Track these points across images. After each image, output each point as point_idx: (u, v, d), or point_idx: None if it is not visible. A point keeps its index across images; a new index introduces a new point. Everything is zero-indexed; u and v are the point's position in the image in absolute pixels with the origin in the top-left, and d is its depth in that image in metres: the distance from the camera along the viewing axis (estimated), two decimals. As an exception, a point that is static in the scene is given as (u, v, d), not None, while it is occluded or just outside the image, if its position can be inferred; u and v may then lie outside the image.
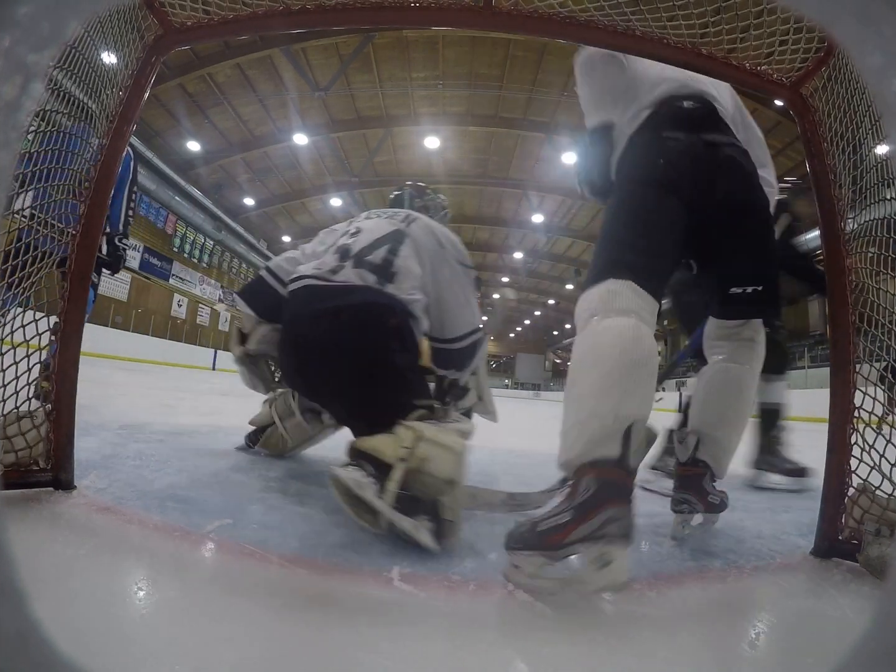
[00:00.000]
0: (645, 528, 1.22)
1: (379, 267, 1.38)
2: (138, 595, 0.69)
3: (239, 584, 0.76)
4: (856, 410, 1.04)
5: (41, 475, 1.02)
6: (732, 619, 0.80)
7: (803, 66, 1.08)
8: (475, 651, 0.63)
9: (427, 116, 15.84)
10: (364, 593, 0.77)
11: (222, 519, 1.01)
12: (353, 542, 0.96)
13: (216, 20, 1.11)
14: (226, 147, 16.93)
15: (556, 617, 0.74)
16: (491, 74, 14.10)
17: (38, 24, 0.25)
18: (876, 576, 0.89)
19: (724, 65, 1.10)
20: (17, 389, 1.00)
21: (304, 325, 1.34)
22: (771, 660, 0.68)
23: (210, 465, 1.52)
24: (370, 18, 1.10)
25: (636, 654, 0.66)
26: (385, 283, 1.35)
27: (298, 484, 1.37)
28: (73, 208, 1.05)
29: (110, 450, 1.55)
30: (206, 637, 0.59)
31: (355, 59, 13.00)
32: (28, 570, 0.24)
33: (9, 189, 0.73)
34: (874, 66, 0.27)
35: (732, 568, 0.99)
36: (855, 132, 1.03)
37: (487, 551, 0.97)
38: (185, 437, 2.00)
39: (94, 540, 0.84)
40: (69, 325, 1.04)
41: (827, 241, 1.10)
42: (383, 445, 1.03)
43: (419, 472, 0.96)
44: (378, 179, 19.49)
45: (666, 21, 1.05)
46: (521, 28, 1.12)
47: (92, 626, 0.58)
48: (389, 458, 0.99)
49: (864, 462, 1.01)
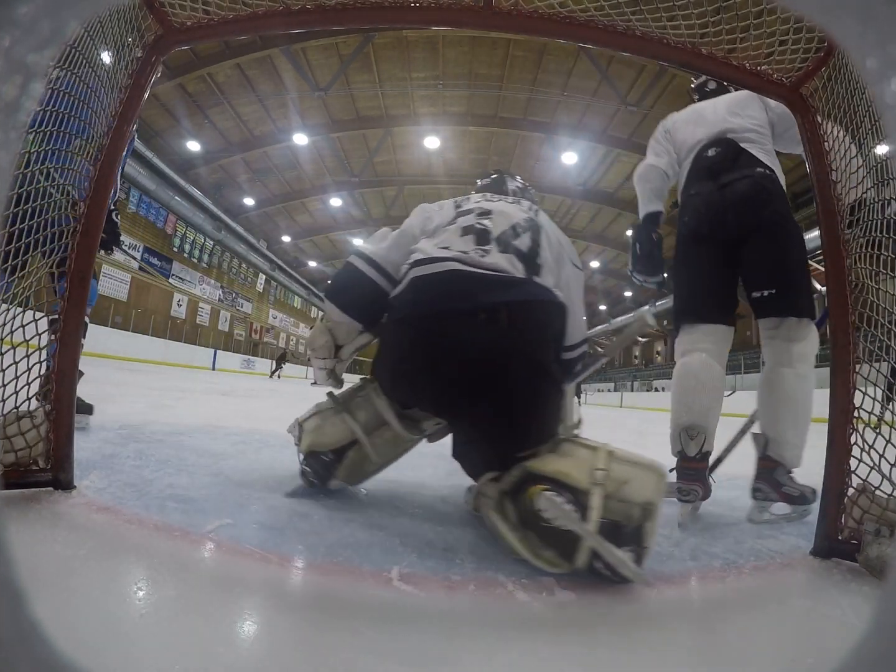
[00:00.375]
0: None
1: (526, 256, 1.18)
2: (138, 595, 0.69)
3: (239, 584, 0.76)
4: (855, 410, 1.04)
5: (41, 475, 1.02)
6: (732, 619, 0.80)
7: (803, 67, 1.08)
8: (475, 651, 0.63)
9: (427, 116, 15.83)
10: (364, 593, 0.77)
11: (222, 519, 1.01)
12: (352, 542, 0.96)
13: (216, 20, 1.11)
14: (226, 147, 16.93)
15: (556, 617, 0.74)
16: (491, 74, 14.09)
17: (38, 24, 0.25)
18: (875, 576, 0.89)
19: (724, 65, 1.10)
20: (17, 389, 1.00)
21: (451, 321, 1.07)
22: (771, 660, 0.68)
23: (210, 465, 1.52)
24: (370, 18, 1.10)
25: (636, 653, 0.66)
26: (532, 276, 1.15)
27: (299, 484, 1.37)
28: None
29: (110, 450, 1.55)
30: (205, 637, 0.59)
31: (355, 59, 13.00)
32: (28, 570, 0.24)
33: (9, 189, 0.73)
34: (874, 66, 0.27)
35: (732, 568, 0.99)
36: (856, 132, 1.03)
37: (488, 551, 0.97)
38: (185, 437, 2.00)
39: (94, 540, 0.84)
40: (69, 324, 1.04)
41: (827, 241, 1.10)
42: (572, 468, 0.90)
43: (614, 497, 0.86)
44: (378, 179, 19.48)
45: (666, 21, 1.05)
46: (521, 28, 1.12)
47: (92, 626, 0.58)
48: (583, 483, 0.86)
49: (864, 462, 1.01)
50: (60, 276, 1.04)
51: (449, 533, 1.08)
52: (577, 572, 0.85)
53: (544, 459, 0.96)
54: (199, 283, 20.88)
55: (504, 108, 15.45)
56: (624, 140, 16.14)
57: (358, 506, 1.23)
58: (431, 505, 1.31)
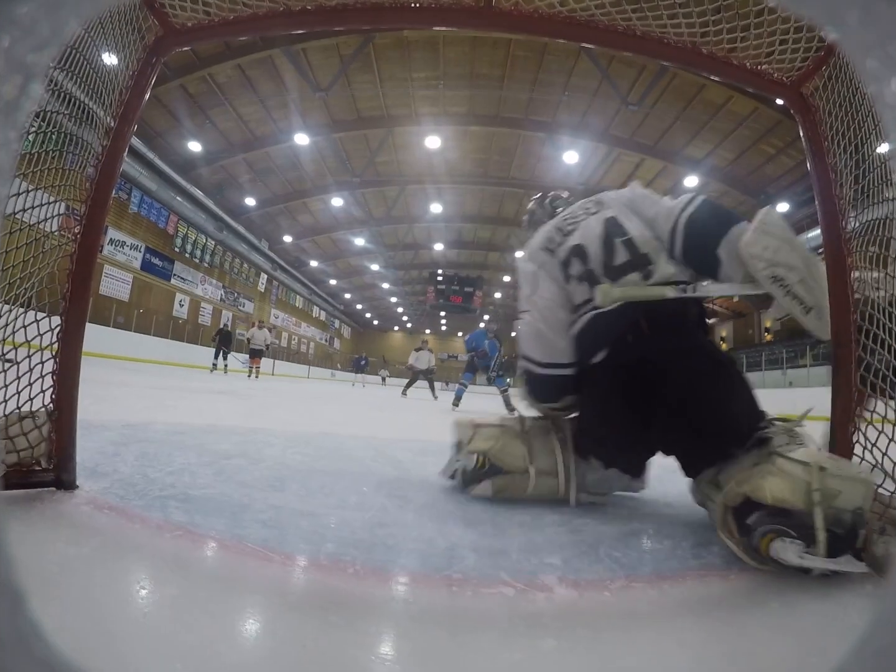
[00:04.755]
0: (645, 526, 1.22)
1: (633, 262, 1.33)
2: (140, 594, 0.69)
3: (240, 583, 0.76)
4: (857, 409, 1.04)
5: (43, 475, 1.02)
6: (734, 617, 0.80)
7: (804, 66, 1.08)
8: (476, 651, 0.63)
9: (428, 116, 15.83)
10: (365, 592, 0.77)
11: (224, 518, 1.01)
12: (354, 541, 0.96)
13: (217, 21, 1.11)
14: (227, 147, 16.94)
15: (556, 616, 0.74)
16: (492, 74, 14.09)
17: (38, 24, 0.25)
18: (880, 574, 0.89)
19: (725, 64, 1.10)
20: (19, 390, 1.00)
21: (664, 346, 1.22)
22: (773, 658, 0.68)
23: (212, 464, 1.52)
24: (370, 19, 1.10)
25: (637, 653, 0.66)
26: (648, 278, 1.30)
27: (300, 483, 1.37)
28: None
29: (112, 449, 1.55)
30: (207, 636, 0.59)
31: (356, 59, 13.00)
32: (30, 569, 0.24)
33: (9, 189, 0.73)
34: (874, 66, 0.27)
35: (734, 567, 0.99)
36: (857, 131, 1.03)
37: (488, 551, 0.97)
38: (187, 437, 2.00)
39: (96, 539, 0.85)
40: (71, 324, 1.05)
41: (828, 240, 1.09)
42: (786, 492, 0.93)
43: (827, 509, 0.90)
44: (379, 179, 19.49)
45: (667, 19, 1.05)
46: (522, 28, 1.12)
47: (93, 625, 0.58)
48: (803, 505, 0.90)
49: (866, 460, 1.00)
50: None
51: (451, 531, 1.08)
52: (583, 569, 0.84)
53: (756, 479, 0.99)
54: (201, 284, 20.90)
55: (505, 107, 15.45)
56: (625, 139, 16.13)
57: (360, 504, 1.23)
58: (434, 503, 1.31)
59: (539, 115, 15.49)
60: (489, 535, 1.07)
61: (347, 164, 18.36)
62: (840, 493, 0.90)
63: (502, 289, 32.79)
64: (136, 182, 15.37)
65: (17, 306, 0.99)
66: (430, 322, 42.96)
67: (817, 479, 0.91)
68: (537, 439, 1.38)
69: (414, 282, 32.90)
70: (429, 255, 28.38)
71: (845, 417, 1.04)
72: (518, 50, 12.96)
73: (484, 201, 22.08)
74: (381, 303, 40.61)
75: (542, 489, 1.34)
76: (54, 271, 1.04)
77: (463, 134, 16.85)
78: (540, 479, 1.33)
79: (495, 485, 1.34)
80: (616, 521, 1.25)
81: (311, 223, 23.80)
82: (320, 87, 13.70)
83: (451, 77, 14.20)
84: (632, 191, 1.51)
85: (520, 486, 1.34)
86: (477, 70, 13.96)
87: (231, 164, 17.99)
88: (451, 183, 19.32)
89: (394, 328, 47.35)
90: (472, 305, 24.43)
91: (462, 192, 20.70)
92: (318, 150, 17.49)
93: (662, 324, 1.23)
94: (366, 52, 12.98)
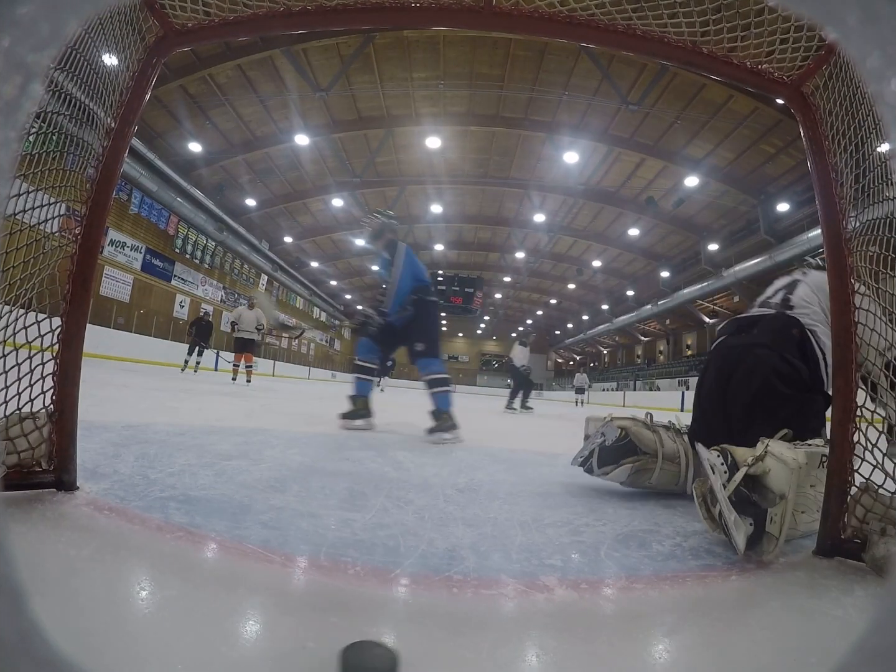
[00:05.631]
0: (645, 527, 1.22)
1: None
2: (141, 595, 0.69)
3: (240, 583, 0.76)
4: (858, 409, 1.03)
5: (44, 476, 1.02)
6: (734, 618, 0.80)
7: (804, 65, 1.07)
8: (476, 651, 0.63)
9: (428, 116, 15.84)
10: (365, 593, 0.77)
11: (224, 519, 1.01)
12: (354, 541, 0.96)
13: (217, 21, 1.11)
14: (227, 148, 16.96)
15: (556, 616, 0.74)
16: (492, 74, 14.10)
17: (38, 24, 0.25)
18: (881, 575, 0.89)
19: (725, 63, 1.10)
20: (20, 391, 1.00)
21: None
22: (773, 659, 0.68)
23: (212, 464, 1.52)
24: (370, 19, 1.10)
25: (637, 653, 0.66)
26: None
27: (300, 483, 1.37)
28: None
29: (113, 450, 1.56)
30: (208, 637, 0.59)
31: (356, 59, 13.01)
32: (31, 570, 0.24)
33: (9, 190, 0.73)
34: (874, 65, 0.27)
35: (735, 567, 0.99)
36: (857, 130, 1.03)
37: (490, 550, 0.97)
38: (188, 438, 2.00)
39: (97, 540, 0.85)
40: (71, 326, 1.05)
41: (828, 239, 1.09)
42: (741, 451, 1.11)
43: (758, 481, 1.02)
44: (380, 180, 19.50)
45: (667, 18, 1.05)
46: (522, 27, 1.12)
47: (93, 626, 0.58)
48: (739, 460, 1.07)
49: (867, 461, 1.00)
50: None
51: (451, 532, 1.08)
52: (583, 569, 0.84)
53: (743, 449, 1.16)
54: (202, 284, 20.90)
55: (505, 107, 15.46)
56: (625, 139, 16.14)
57: (360, 505, 1.23)
58: (434, 504, 1.31)
59: (539, 114, 15.50)
60: (489, 535, 1.08)
61: (347, 164, 18.37)
62: (769, 470, 1.01)
63: (502, 289, 32.77)
64: (136, 183, 15.38)
65: (18, 307, 0.99)
66: (431, 322, 42.76)
67: (761, 450, 1.06)
68: (661, 431, 1.64)
69: (414, 282, 32.78)
70: (429, 256, 28.38)
71: (846, 417, 1.03)
72: (518, 50, 12.97)
73: (484, 201, 22.11)
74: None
75: (664, 478, 1.58)
76: (55, 272, 1.04)
77: (463, 134, 16.87)
78: (665, 465, 1.57)
79: (630, 468, 1.55)
80: (616, 522, 1.25)
81: (311, 224, 23.82)
82: (320, 88, 13.71)
83: (451, 77, 14.21)
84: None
85: (648, 471, 1.56)
86: (477, 70, 13.98)
87: (231, 164, 18.00)
88: (452, 183, 19.34)
89: (394, 328, 47.14)
90: (473, 306, 24.42)
91: (462, 192, 20.71)
92: (318, 150, 17.51)
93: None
94: (366, 53, 13.00)
